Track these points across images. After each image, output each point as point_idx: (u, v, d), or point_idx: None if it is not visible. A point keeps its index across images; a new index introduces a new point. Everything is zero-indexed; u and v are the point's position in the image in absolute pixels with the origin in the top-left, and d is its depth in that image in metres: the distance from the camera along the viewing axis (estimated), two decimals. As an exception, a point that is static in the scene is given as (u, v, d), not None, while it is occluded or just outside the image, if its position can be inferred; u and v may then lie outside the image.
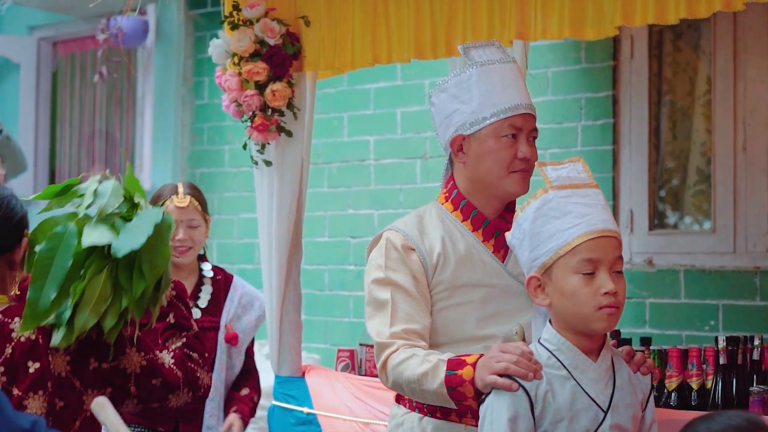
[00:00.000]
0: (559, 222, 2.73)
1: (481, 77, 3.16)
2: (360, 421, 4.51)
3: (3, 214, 2.68)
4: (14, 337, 2.62)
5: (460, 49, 3.25)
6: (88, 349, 2.69)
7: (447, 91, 3.20)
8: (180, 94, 7.32)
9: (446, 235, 3.15)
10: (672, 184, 5.75)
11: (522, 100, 3.17)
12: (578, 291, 2.68)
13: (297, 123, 4.59)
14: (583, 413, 2.69)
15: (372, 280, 3.12)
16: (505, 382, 2.68)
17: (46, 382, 2.61)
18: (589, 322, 2.69)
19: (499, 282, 3.13)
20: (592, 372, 2.72)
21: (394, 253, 3.11)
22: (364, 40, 4.40)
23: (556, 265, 2.72)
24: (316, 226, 6.63)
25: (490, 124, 3.13)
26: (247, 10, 4.51)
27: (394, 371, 2.98)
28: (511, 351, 2.72)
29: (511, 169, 3.14)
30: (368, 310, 3.12)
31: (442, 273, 3.11)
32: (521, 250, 2.79)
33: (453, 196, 3.21)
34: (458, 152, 3.19)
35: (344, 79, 6.51)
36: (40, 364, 2.62)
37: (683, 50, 5.70)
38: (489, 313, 3.10)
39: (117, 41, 7.04)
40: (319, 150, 6.61)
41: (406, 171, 6.34)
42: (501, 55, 3.22)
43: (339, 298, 6.55)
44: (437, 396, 2.88)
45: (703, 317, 5.39)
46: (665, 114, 5.72)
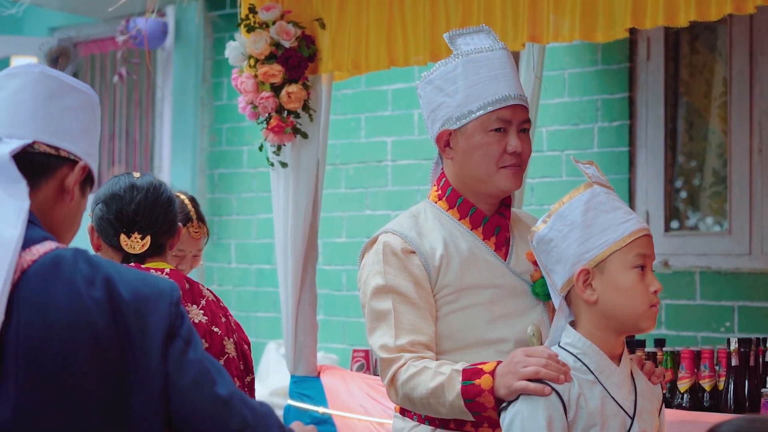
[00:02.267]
0: (611, 216, 2.63)
1: (467, 68, 2.96)
2: (375, 421, 4.53)
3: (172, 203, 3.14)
4: (205, 295, 3.13)
5: (446, 37, 3.04)
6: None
7: (432, 83, 3.01)
8: (199, 95, 7.37)
9: (447, 236, 2.95)
10: (688, 186, 5.75)
11: (510, 91, 2.95)
12: (635, 286, 2.60)
13: (313, 125, 4.62)
14: (613, 419, 2.61)
15: (371, 288, 2.90)
16: (537, 387, 2.57)
17: (233, 333, 3.11)
18: (640, 320, 2.62)
19: (504, 282, 2.96)
20: (616, 377, 2.64)
21: (392, 258, 2.90)
22: (379, 43, 4.42)
23: (610, 259, 2.61)
24: (333, 227, 6.66)
25: (477, 118, 2.94)
26: (263, 12, 4.55)
27: (405, 387, 2.81)
28: (538, 354, 2.62)
29: (501, 164, 2.94)
30: (369, 322, 2.92)
31: (446, 276, 2.92)
32: (564, 243, 2.66)
33: (447, 193, 3.01)
34: (445, 148, 2.99)
35: (362, 80, 6.54)
36: (225, 319, 3.12)
37: (700, 52, 5.71)
38: (497, 315, 2.92)
39: (136, 42, 7.09)
40: (337, 151, 6.64)
41: (423, 172, 6.35)
42: (490, 42, 3.01)
43: (356, 298, 6.53)
44: (453, 408, 2.74)
45: (718, 319, 5.39)
46: (681, 115, 5.72)
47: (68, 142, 2.06)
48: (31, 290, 1.88)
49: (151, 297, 1.95)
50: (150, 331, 1.92)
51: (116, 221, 3.02)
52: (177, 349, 1.95)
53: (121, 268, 1.98)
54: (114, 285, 1.91)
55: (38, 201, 2.00)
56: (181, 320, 1.98)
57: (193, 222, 3.97)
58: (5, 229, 1.89)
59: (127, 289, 1.92)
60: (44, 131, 2.04)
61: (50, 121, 2.04)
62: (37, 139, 2.02)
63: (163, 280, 2.01)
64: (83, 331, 1.87)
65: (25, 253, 1.90)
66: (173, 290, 1.99)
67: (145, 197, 3.03)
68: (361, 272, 2.99)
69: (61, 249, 1.93)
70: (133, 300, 1.92)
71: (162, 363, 1.92)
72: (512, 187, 2.97)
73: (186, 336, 1.97)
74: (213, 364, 2.00)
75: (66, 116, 2.06)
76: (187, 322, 1.99)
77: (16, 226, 1.90)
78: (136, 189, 3.04)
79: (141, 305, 1.93)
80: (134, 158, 7.97)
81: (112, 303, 1.90)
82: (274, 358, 6.52)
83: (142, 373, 1.91)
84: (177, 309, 1.97)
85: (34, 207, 1.97)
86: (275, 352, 6.51)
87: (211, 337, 2.98)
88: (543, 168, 5.87)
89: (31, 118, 2.03)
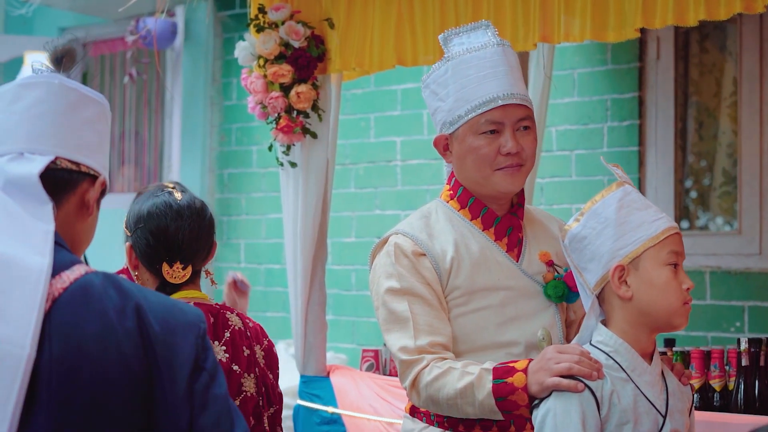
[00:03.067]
0: (644, 213, 2.64)
1: (456, 71, 2.90)
2: (384, 421, 4.53)
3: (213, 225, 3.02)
4: (230, 324, 2.95)
5: (440, 38, 2.99)
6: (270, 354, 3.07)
7: (429, 87, 2.98)
8: (208, 95, 7.37)
9: (458, 237, 2.92)
10: (698, 186, 5.74)
11: (500, 91, 2.88)
12: (670, 283, 2.60)
13: (322, 125, 4.62)
14: (645, 416, 2.60)
15: (385, 290, 2.89)
16: (570, 383, 2.56)
17: (255, 366, 2.96)
18: (674, 317, 2.62)
19: (515, 284, 2.93)
20: (648, 375, 2.63)
21: (404, 260, 2.88)
22: (387, 42, 4.42)
23: (644, 256, 2.61)
24: (343, 227, 6.66)
25: (467, 122, 2.89)
26: (272, 12, 4.55)
27: (430, 388, 2.78)
28: (571, 351, 2.60)
29: (496, 166, 2.90)
30: (385, 324, 2.90)
31: (456, 278, 2.89)
32: (598, 240, 2.65)
33: (459, 193, 2.98)
34: (445, 152, 2.98)
35: (371, 80, 6.54)
36: (249, 351, 2.96)
37: (709, 51, 5.70)
38: (508, 318, 2.90)
39: (146, 43, 7.10)
40: (346, 151, 6.64)
41: (433, 172, 6.36)
42: (486, 38, 2.94)
43: (366, 298, 6.57)
44: (483, 408, 2.71)
45: (728, 319, 5.38)
46: (691, 115, 5.71)
47: (88, 156, 2.04)
48: (63, 319, 1.85)
49: (179, 328, 1.92)
50: (178, 362, 1.90)
51: (161, 249, 2.91)
52: (203, 383, 1.92)
53: (149, 295, 1.95)
54: (144, 314, 1.89)
55: (60, 218, 1.98)
56: (206, 353, 1.95)
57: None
58: (34, 257, 1.87)
59: (156, 319, 1.90)
60: (65, 146, 2.01)
61: (71, 136, 2.02)
62: (59, 154, 2.00)
63: (191, 311, 1.98)
64: (115, 361, 1.85)
65: (56, 281, 1.88)
66: (200, 321, 1.97)
67: (190, 226, 2.92)
68: (373, 274, 2.97)
69: (90, 274, 1.91)
70: (161, 330, 1.90)
71: (188, 397, 1.90)
72: (510, 188, 2.94)
73: (211, 370, 1.94)
74: (233, 404, 1.97)
75: (85, 129, 2.05)
76: (212, 355, 1.97)
77: (44, 254, 1.87)
78: (182, 218, 2.91)
79: (169, 336, 1.90)
80: (144, 158, 7.99)
81: (142, 333, 1.88)
82: (284, 358, 6.51)
83: (170, 405, 1.89)
84: (203, 341, 1.95)
85: (58, 225, 1.95)
86: (284, 352, 6.52)
87: (229, 376, 2.90)
88: (552, 168, 5.87)
89: (52, 134, 2.00)
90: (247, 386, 2.91)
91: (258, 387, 2.94)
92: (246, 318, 3.02)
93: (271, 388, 3.00)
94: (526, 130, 2.93)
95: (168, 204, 2.92)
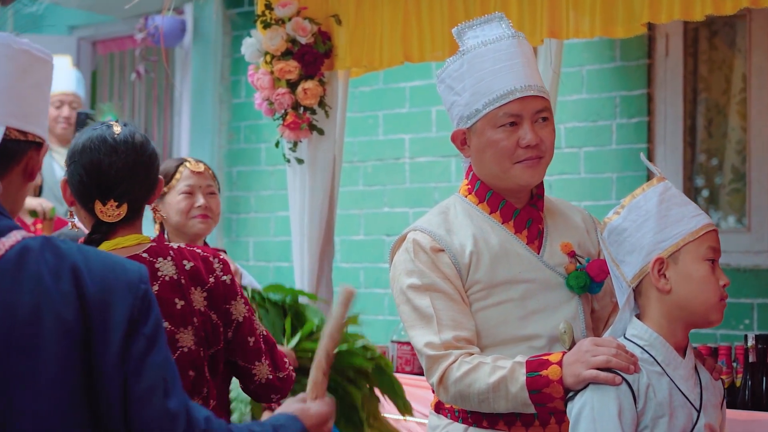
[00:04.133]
0: (684, 209, 2.66)
1: (472, 64, 2.89)
2: (391, 417, 4.53)
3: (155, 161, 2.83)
4: (160, 275, 2.75)
5: (454, 32, 2.97)
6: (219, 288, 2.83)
7: (444, 82, 2.96)
8: (217, 92, 7.37)
9: (477, 231, 2.89)
10: (707, 183, 5.72)
11: (517, 83, 2.86)
12: (708, 278, 2.62)
13: (329, 121, 4.62)
14: (680, 410, 2.61)
15: (406, 287, 2.86)
16: (608, 376, 2.56)
17: (192, 317, 2.76)
18: (710, 312, 2.64)
19: (537, 276, 2.90)
20: (682, 369, 2.64)
21: (423, 255, 2.86)
22: (394, 39, 4.43)
23: (684, 250, 2.63)
24: (351, 224, 6.65)
25: (485, 116, 2.86)
26: (279, 9, 4.55)
27: (459, 384, 2.75)
28: (607, 344, 2.60)
29: (516, 159, 2.87)
30: (408, 320, 2.87)
31: (476, 272, 2.86)
32: (639, 232, 2.65)
33: (477, 187, 2.96)
34: (462, 146, 2.94)
35: (379, 77, 6.53)
36: (184, 301, 2.76)
37: (719, 48, 5.68)
38: (530, 311, 2.88)
39: (155, 40, 7.10)
40: (355, 148, 6.63)
41: (441, 169, 6.35)
42: (500, 31, 2.92)
43: (374, 295, 6.57)
44: (515, 401, 2.69)
45: (737, 316, 5.36)
46: (700, 112, 5.70)
47: (36, 124, 2.01)
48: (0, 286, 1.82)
49: (117, 288, 1.86)
50: (111, 325, 1.84)
51: (93, 185, 2.73)
52: (138, 348, 1.86)
53: (91, 254, 1.90)
54: (80, 275, 1.84)
55: (4, 187, 1.95)
56: (146, 315, 1.88)
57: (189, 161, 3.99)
58: None
59: (93, 279, 1.85)
60: (16, 115, 1.97)
61: (21, 103, 1.98)
62: (9, 124, 1.96)
63: (134, 269, 1.91)
64: (52, 327, 1.81)
65: None
66: (142, 281, 1.89)
67: (125, 161, 2.73)
68: (393, 271, 2.94)
69: (28, 239, 1.88)
70: (97, 290, 1.84)
71: (120, 362, 1.84)
72: (531, 180, 2.91)
73: (151, 335, 1.87)
74: (172, 369, 1.90)
75: (34, 94, 2.01)
76: (154, 317, 1.89)
77: None
78: (117, 152, 2.73)
79: (105, 295, 1.84)
80: (153, 156, 7.98)
81: (79, 295, 1.84)
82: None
83: (103, 371, 1.84)
84: (143, 302, 1.88)
85: (2, 195, 1.93)
86: (293, 350, 6.52)
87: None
88: (561, 165, 5.85)
89: (3, 102, 1.96)
90: (184, 341, 2.76)
91: (198, 336, 2.77)
92: (185, 258, 2.81)
93: (212, 330, 2.81)
94: (545, 121, 2.91)
95: (103, 138, 2.75)
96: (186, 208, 3.92)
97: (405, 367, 4.72)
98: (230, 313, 2.85)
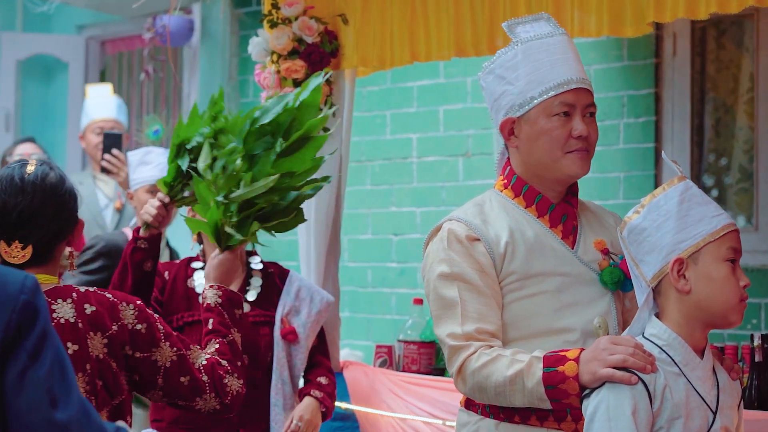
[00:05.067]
0: (704, 209, 2.64)
1: (527, 55, 2.95)
2: (397, 417, 4.53)
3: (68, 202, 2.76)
4: (55, 318, 2.68)
5: (504, 26, 3.04)
6: (124, 336, 2.76)
7: (493, 72, 3.00)
8: (225, 92, 7.37)
9: (512, 223, 2.93)
10: (715, 182, 5.72)
11: (573, 75, 2.93)
12: (728, 279, 2.61)
13: (335, 120, 4.62)
14: (696, 412, 2.60)
15: (437, 275, 2.89)
16: (624, 375, 2.56)
17: (85, 363, 2.67)
18: (730, 313, 2.63)
19: (572, 270, 2.93)
20: (700, 370, 2.63)
21: (457, 245, 2.88)
22: (402, 38, 4.43)
23: (704, 250, 2.62)
24: (358, 224, 6.65)
25: (540, 103, 2.92)
26: (285, 8, 4.56)
27: (477, 375, 2.77)
28: (625, 343, 2.59)
29: (567, 149, 2.93)
30: (435, 310, 2.90)
31: (511, 263, 2.89)
32: (659, 232, 2.65)
33: (513, 182, 3.00)
34: (510, 136, 2.99)
35: (387, 77, 6.53)
36: (78, 346, 2.68)
37: (726, 47, 5.67)
38: (564, 304, 2.89)
39: (163, 40, 7.11)
40: (362, 148, 6.63)
41: (449, 169, 6.35)
42: (549, 28, 3.00)
43: (381, 295, 6.57)
44: (531, 396, 2.71)
45: (745, 316, 5.33)
46: (708, 111, 5.69)
47: None
48: None
49: None
50: None
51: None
52: (18, 365, 1.77)
53: None
54: None
55: None
56: (28, 328, 1.78)
57: None
58: None
59: None
60: None
61: None
62: None
63: (14, 282, 1.80)
64: None
65: None
66: (22, 293, 1.79)
67: (31, 203, 2.69)
68: (425, 261, 2.97)
69: None
70: None
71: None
72: (579, 171, 2.96)
73: (32, 349, 1.78)
74: (62, 380, 1.81)
75: None
76: (39, 329, 1.79)
77: None
78: (23, 193, 2.69)
79: None
80: (161, 155, 7.99)
81: None
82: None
83: None
84: (22, 315, 1.78)
85: None
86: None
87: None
88: (568, 164, 5.85)
89: None
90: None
91: (91, 385, 2.69)
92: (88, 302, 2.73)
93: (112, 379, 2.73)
94: (592, 116, 2.98)
95: (11, 178, 2.71)
96: None
97: (411, 367, 4.73)
98: (155, 361, 2.78)
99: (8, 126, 8.12)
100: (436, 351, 4.78)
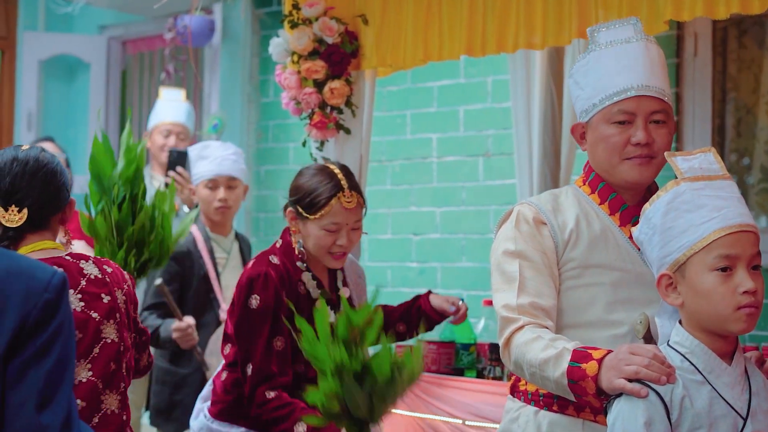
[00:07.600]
0: (693, 216, 2.52)
1: (597, 61, 2.99)
2: (417, 416, 4.53)
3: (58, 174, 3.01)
4: (86, 273, 3.01)
5: (588, 31, 3.06)
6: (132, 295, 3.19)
7: (572, 77, 3.07)
8: (246, 92, 7.40)
9: (581, 214, 2.98)
10: (736, 183, 5.68)
11: (634, 82, 2.93)
12: (715, 290, 2.50)
13: (355, 120, 4.63)
14: (722, 420, 2.50)
15: (501, 252, 2.97)
16: (634, 387, 2.50)
17: (115, 313, 3.05)
18: (726, 323, 2.51)
19: (633, 268, 2.94)
20: (727, 376, 2.53)
21: (524, 226, 2.96)
22: (416, 38, 4.44)
23: (690, 262, 2.53)
24: (378, 224, 6.66)
25: (600, 111, 2.97)
26: (306, 9, 4.57)
27: (518, 350, 2.81)
28: (642, 353, 2.54)
29: (624, 156, 2.95)
30: (495, 283, 2.97)
31: (573, 250, 2.94)
32: (650, 246, 2.61)
33: (590, 178, 3.05)
34: (581, 140, 3.06)
35: (407, 76, 6.54)
36: (110, 297, 3.04)
37: (748, 47, 5.65)
38: (619, 299, 2.91)
39: (184, 40, 7.13)
40: (382, 147, 6.64)
41: (469, 168, 6.35)
42: (630, 34, 2.99)
43: (401, 295, 6.56)
44: (557, 385, 2.72)
45: (766, 316, 5.33)
46: (729, 111, 5.67)
47: None
48: None
49: (12, 294, 1.80)
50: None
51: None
52: (23, 359, 1.80)
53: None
54: None
55: None
56: (44, 325, 1.81)
57: (344, 191, 3.69)
58: None
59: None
60: None
61: None
62: None
63: (43, 277, 1.85)
64: None
65: None
66: (46, 290, 1.83)
67: (23, 169, 2.95)
68: (494, 242, 3.04)
69: None
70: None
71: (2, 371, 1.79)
72: (638, 178, 2.97)
73: (41, 346, 1.81)
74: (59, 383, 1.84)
75: None
76: (54, 327, 1.83)
77: None
78: (17, 161, 2.96)
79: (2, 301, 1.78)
80: (182, 155, 8.02)
81: None
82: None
83: None
84: (42, 312, 1.82)
85: None
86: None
87: (86, 324, 2.96)
88: (589, 164, 5.84)
89: None
90: (107, 332, 3.01)
91: (119, 332, 3.04)
92: (103, 263, 3.09)
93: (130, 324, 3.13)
94: (660, 123, 2.96)
95: (4, 152, 3.00)
96: (327, 244, 3.79)
97: (431, 366, 4.73)
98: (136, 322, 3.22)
99: (30, 125, 8.16)
100: (455, 351, 4.78)
